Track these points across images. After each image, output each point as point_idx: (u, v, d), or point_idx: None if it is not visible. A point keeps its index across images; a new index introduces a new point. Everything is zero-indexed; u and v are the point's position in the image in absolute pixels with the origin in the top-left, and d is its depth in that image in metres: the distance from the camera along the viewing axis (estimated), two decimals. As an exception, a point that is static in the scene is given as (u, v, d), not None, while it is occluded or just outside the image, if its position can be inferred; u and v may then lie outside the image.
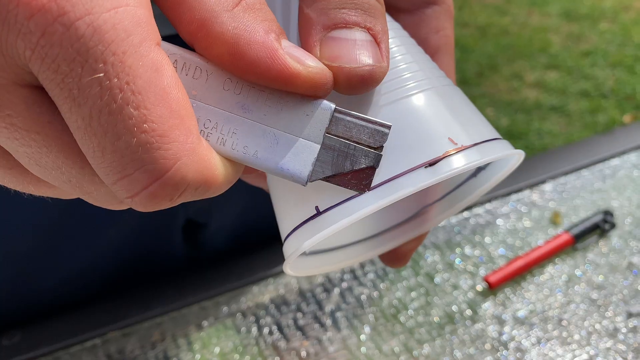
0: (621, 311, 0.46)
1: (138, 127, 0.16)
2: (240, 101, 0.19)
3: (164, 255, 0.53)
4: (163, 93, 0.17)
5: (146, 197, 0.17)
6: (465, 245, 0.52)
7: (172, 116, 0.17)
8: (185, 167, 0.17)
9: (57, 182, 0.19)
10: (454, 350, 0.44)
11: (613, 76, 2.08)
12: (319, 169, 0.20)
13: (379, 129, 0.20)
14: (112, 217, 0.47)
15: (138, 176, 0.17)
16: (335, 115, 0.20)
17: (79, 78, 0.16)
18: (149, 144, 0.16)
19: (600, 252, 0.51)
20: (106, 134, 0.16)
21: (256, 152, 0.19)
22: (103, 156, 0.17)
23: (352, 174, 0.20)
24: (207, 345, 0.45)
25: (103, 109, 0.16)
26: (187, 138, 0.17)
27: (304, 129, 0.20)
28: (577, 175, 0.59)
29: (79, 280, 0.49)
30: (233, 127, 0.19)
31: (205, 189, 0.18)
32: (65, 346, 0.45)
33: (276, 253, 0.52)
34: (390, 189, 0.21)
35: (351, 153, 0.20)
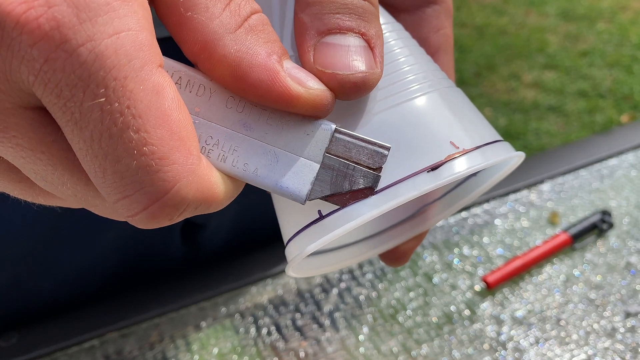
0: (619, 311, 0.46)
1: (138, 150, 0.17)
2: (242, 119, 0.20)
3: (162, 256, 0.53)
4: (163, 116, 0.17)
5: (146, 217, 0.18)
6: (463, 245, 0.52)
7: (173, 138, 0.17)
8: (185, 189, 0.18)
9: (63, 196, 0.19)
10: (453, 350, 0.44)
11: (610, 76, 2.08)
12: (318, 188, 0.20)
13: (379, 150, 0.20)
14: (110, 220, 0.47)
15: (138, 197, 0.17)
16: (335, 136, 0.20)
17: (80, 103, 0.16)
18: (148, 166, 0.17)
19: (598, 252, 0.51)
20: (107, 156, 0.17)
21: (256, 169, 0.20)
22: (104, 177, 0.17)
23: (351, 193, 0.20)
24: (206, 346, 0.45)
25: (104, 132, 0.16)
26: (187, 159, 0.17)
27: (305, 148, 0.20)
28: (575, 175, 0.59)
29: (77, 281, 0.49)
30: (234, 145, 0.20)
31: (205, 207, 0.19)
32: (63, 347, 0.45)
33: (274, 254, 0.52)
34: (393, 193, 0.21)
35: (350, 173, 0.20)
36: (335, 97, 0.20)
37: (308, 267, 0.29)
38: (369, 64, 0.21)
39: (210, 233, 0.53)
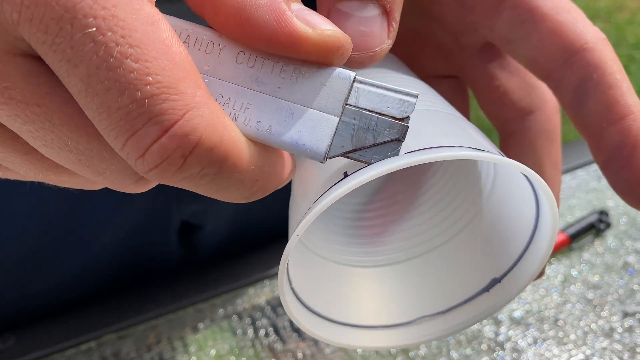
0: (617, 311, 0.46)
1: (141, 79, 0.16)
2: (254, 74, 0.18)
3: (159, 258, 0.53)
4: (163, 46, 0.16)
5: (157, 151, 0.16)
6: (461, 245, 0.52)
7: (177, 69, 0.16)
8: (195, 119, 0.16)
9: (68, 164, 0.18)
10: (451, 350, 0.44)
11: (607, 76, 2.08)
12: (338, 144, 0.18)
13: (405, 98, 0.19)
14: (107, 220, 0.47)
15: (147, 129, 0.16)
16: (355, 85, 0.19)
17: (70, 36, 0.15)
18: (155, 95, 0.16)
19: (596, 251, 0.51)
20: (108, 90, 0.15)
21: (270, 127, 0.18)
22: (109, 116, 0.16)
23: (375, 147, 0.19)
24: (203, 347, 0.45)
25: (100, 65, 0.15)
26: (195, 91, 0.16)
27: (322, 100, 0.18)
28: (573, 175, 0.59)
29: (73, 283, 0.49)
30: (246, 102, 0.18)
31: (222, 153, 0.17)
32: (60, 349, 0.45)
33: (272, 254, 0.52)
34: (424, 152, 0.19)
35: (373, 125, 0.19)
36: (351, 42, 0.19)
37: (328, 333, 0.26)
38: (380, 39, 0.20)
39: (207, 234, 0.53)
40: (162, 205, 0.49)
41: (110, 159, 0.18)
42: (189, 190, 0.18)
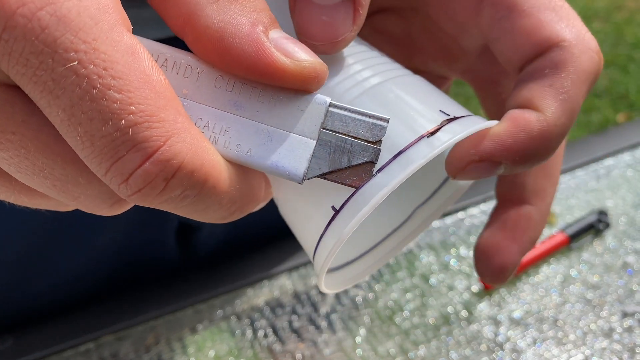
0: (616, 311, 0.46)
1: (124, 109, 0.16)
2: (233, 98, 0.19)
3: (157, 259, 0.53)
4: (144, 75, 0.16)
5: (140, 176, 0.16)
6: (460, 246, 0.52)
7: (158, 97, 0.16)
8: (177, 145, 0.17)
9: (43, 189, 0.18)
10: (450, 351, 0.44)
11: (606, 75, 2.09)
12: (315, 166, 0.19)
13: (377, 122, 0.20)
14: (105, 221, 0.47)
15: (130, 156, 0.16)
16: (330, 110, 0.19)
17: (51, 70, 0.15)
18: (138, 123, 0.16)
19: (595, 251, 0.51)
20: (92, 120, 0.16)
21: (250, 150, 0.19)
22: (92, 144, 0.16)
23: (350, 169, 0.20)
24: (202, 348, 0.45)
25: (84, 96, 0.16)
26: (176, 118, 0.17)
27: (299, 124, 0.19)
28: (572, 175, 0.59)
29: (72, 285, 0.49)
30: (225, 125, 0.19)
31: (202, 176, 0.17)
32: (58, 351, 0.45)
33: (270, 255, 0.52)
34: (399, 165, 0.20)
35: (348, 148, 0.19)
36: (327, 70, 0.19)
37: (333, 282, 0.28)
38: (343, 28, 0.20)
39: (205, 235, 0.53)
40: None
41: (85, 184, 0.18)
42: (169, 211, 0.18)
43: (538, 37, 0.23)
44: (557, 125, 0.22)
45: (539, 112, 0.22)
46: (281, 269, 0.50)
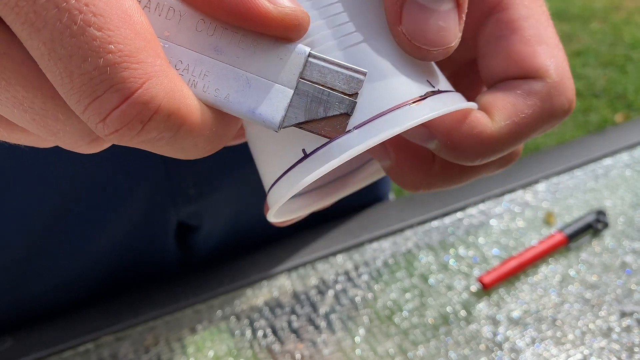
0: (615, 310, 0.46)
1: (103, 48, 0.16)
2: (213, 43, 0.19)
3: (156, 259, 0.53)
4: (125, 15, 0.16)
5: (117, 117, 0.17)
6: (459, 246, 0.52)
7: (138, 38, 0.17)
8: (154, 87, 0.17)
9: (22, 123, 0.18)
10: (449, 351, 0.44)
11: (604, 76, 2.09)
12: (292, 115, 0.19)
13: (354, 75, 0.20)
14: (104, 222, 0.47)
15: (108, 96, 0.16)
16: (309, 60, 0.19)
17: (33, 1, 0.15)
18: (116, 63, 0.16)
19: (594, 251, 0.51)
20: (71, 57, 0.16)
21: (228, 95, 0.19)
22: (71, 81, 0.16)
23: (326, 120, 0.20)
24: (201, 348, 0.45)
25: (64, 31, 0.16)
26: (155, 60, 0.17)
27: (278, 73, 0.19)
28: (570, 175, 0.59)
29: (71, 285, 0.49)
30: (205, 69, 0.19)
31: (179, 120, 0.18)
32: (57, 351, 0.45)
33: (269, 255, 0.52)
34: (376, 127, 0.20)
35: (325, 99, 0.20)
36: (309, 20, 0.20)
37: (284, 212, 0.28)
38: (454, 34, 0.21)
39: (204, 235, 0.53)
40: (158, 206, 0.48)
41: (64, 120, 0.18)
42: (147, 150, 0.19)
43: (528, 65, 0.24)
44: (497, 139, 0.22)
45: (491, 119, 0.22)
46: (280, 269, 0.50)
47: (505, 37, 0.24)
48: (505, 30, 0.24)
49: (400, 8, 0.21)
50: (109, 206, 0.46)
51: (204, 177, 0.48)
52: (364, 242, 0.53)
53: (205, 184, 0.49)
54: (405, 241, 0.53)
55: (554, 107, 0.23)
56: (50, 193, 0.44)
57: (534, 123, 0.23)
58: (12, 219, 0.44)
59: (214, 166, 0.48)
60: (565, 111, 0.24)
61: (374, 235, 0.53)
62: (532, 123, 0.23)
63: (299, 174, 0.21)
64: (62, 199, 0.44)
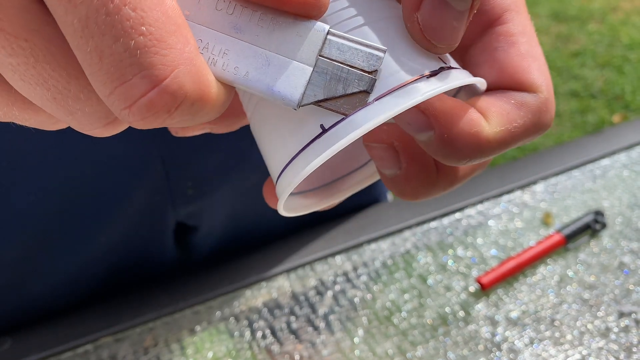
0: (613, 311, 0.46)
1: (136, 29, 0.16)
2: (233, 21, 0.19)
3: (155, 260, 0.53)
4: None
5: (144, 105, 0.17)
6: (457, 246, 0.52)
7: (169, 22, 0.17)
8: (183, 76, 0.17)
9: (41, 101, 0.18)
10: (448, 351, 0.44)
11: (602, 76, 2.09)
12: (311, 92, 0.20)
13: (374, 52, 0.20)
14: (103, 222, 0.47)
15: (136, 82, 0.17)
16: (328, 38, 0.20)
17: None
18: (147, 47, 0.16)
19: (592, 252, 0.51)
20: (104, 35, 0.16)
21: (247, 73, 0.19)
22: (101, 61, 0.16)
23: (345, 97, 0.20)
24: (200, 349, 0.45)
25: (100, 8, 0.16)
26: (184, 47, 0.17)
27: (297, 51, 0.19)
28: (568, 176, 0.59)
29: (69, 286, 0.49)
30: (224, 48, 0.19)
31: (201, 106, 0.18)
32: (56, 352, 0.45)
33: (269, 256, 0.52)
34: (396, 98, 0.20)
35: (344, 77, 0.20)
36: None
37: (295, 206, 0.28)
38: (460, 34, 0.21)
39: (202, 235, 0.53)
40: (157, 206, 0.48)
41: (85, 101, 0.18)
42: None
43: (524, 78, 0.24)
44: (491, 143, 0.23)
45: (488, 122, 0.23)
46: (279, 270, 0.51)
47: (502, 50, 0.25)
48: (504, 42, 0.25)
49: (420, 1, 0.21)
50: (107, 206, 0.46)
51: (202, 178, 0.49)
52: (362, 242, 0.53)
53: (204, 184, 0.49)
54: (403, 242, 0.53)
55: (541, 122, 0.24)
56: (49, 194, 0.44)
57: (523, 134, 0.24)
58: (11, 219, 0.44)
59: (213, 167, 0.48)
60: (547, 127, 0.25)
61: (373, 236, 0.53)
62: (521, 134, 0.24)
63: (319, 149, 0.21)
64: (61, 199, 0.44)
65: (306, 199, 0.29)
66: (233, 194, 0.51)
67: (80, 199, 0.45)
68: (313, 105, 0.20)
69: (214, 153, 0.47)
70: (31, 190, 0.43)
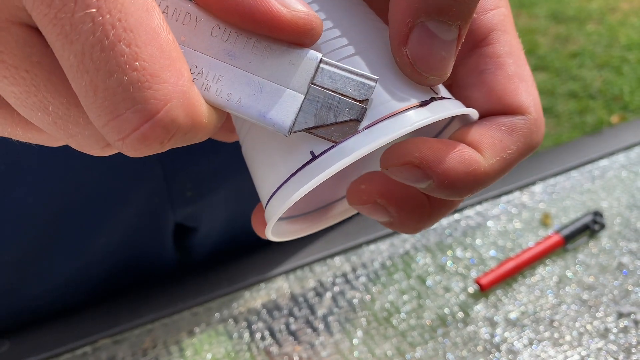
0: (612, 311, 0.46)
1: (130, 64, 0.17)
2: (227, 48, 0.20)
3: (154, 261, 0.53)
4: (154, 33, 0.17)
5: (137, 139, 0.17)
6: (456, 247, 0.52)
7: (163, 56, 0.17)
8: (176, 109, 0.17)
9: (43, 124, 0.19)
10: (447, 353, 0.44)
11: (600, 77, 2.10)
12: (302, 120, 0.20)
13: (366, 81, 0.20)
14: (101, 224, 0.47)
15: (129, 116, 0.17)
16: (321, 66, 0.20)
17: (71, 13, 0.16)
18: (140, 82, 0.17)
19: (591, 252, 0.51)
20: (98, 71, 0.17)
21: (240, 99, 0.20)
22: (95, 95, 0.17)
23: (336, 125, 0.20)
24: (199, 351, 0.45)
25: (95, 45, 0.16)
26: (178, 80, 0.17)
27: (289, 78, 0.20)
28: (567, 176, 0.59)
29: (68, 288, 0.49)
30: (218, 74, 0.19)
31: (193, 134, 0.18)
32: (55, 355, 0.45)
33: (267, 257, 0.52)
34: (385, 127, 0.20)
35: (335, 105, 0.20)
36: (322, 25, 0.20)
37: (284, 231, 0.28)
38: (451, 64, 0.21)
39: (201, 236, 0.53)
40: (156, 208, 0.48)
41: (84, 125, 0.19)
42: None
43: (511, 101, 0.24)
44: (489, 175, 0.23)
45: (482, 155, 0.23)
46: (278, 271, 0.50)
47: (489, 72, 0.25)
48: (490, 65, 0.25)
49: (409, 30, 0.21)
50: (106, 208, 0.46)
51: (202, 180, 0.49)
52: (361, 244, 0.53)
53: (203, 186, 0.49)
54: (402, 243, 0.53)
55: (533, 142, 0.25)
56: (47, 196, 0.44)
57: (518, 157, 0.24)
58: (9, 221, 0.44)
59: (212, 169, 0.48)
60: (538, 145, 0.25)
61: (372, 237, 0.53)
62: (516, 158, 0.24)
63: (308, 176, 0.21)
64: (60, 201, 0.44)
65: (294, 224, 0.29)
66: (232, 196, 0.51)
67: (79, 201, 0.45)
68: (304, 132, 0.20)
69: (213, 155, 0.47)
70: (30, 192, 0.43)
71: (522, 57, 0.25)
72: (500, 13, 0.25)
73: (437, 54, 0.21)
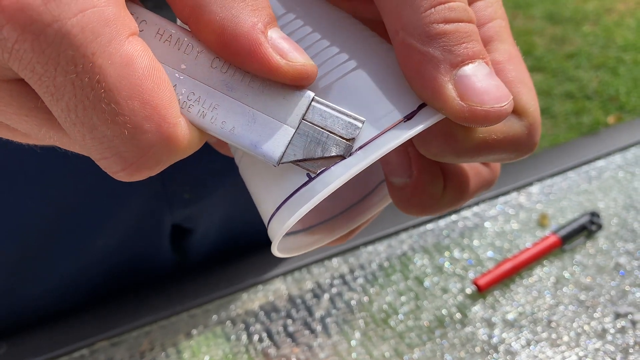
0: (609, 312, 0.46)
1: (111, 120, 0.18)
2: (225, 80, 0.21)
3: (151, 263, 0.52)
4: (134, 87, 0.18)
5: (125, 176, 0.19)
6: (454, 248, 0.52)
7: (144, 108, 0.18)
8: (157, 155, 0.19)
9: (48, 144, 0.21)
10: (445, 354, 0.44)
11: (597, 78, 2.10)
12: (291, 152, 0.21)
13: (353, 122, 0.21)
14: (99, 226, 0.47)
15: (115, 160, 0.19)
16: (313, 104, 0.21)
17: (53, 78, 0.17)
18: (122, 135, 0.18)
19: (588, 253, 0.51)
20: (83, 124, 0.18)
21: (233, 128, 0.21)
22: (84, 141, 0.19)
23: (322, 160, 0.21)
24: (197, 353, 0.45)
25: (78, 104, 0.18)
26: (160, 127, 0.19)
27: (282, 112, 0.21)
28: (564, 177, 0.59)
29: (66, 290, 0.49)
30: (215, 103, 0.20)
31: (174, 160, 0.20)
32: (52, 357, 0.45)
33: (265, 259, 0.52)
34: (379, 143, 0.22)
35: (323, 140, 0.21)
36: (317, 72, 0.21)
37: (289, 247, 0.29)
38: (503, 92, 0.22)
39: (199, 237, 0.53)
40: (154, 210, 0.48)
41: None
42: None
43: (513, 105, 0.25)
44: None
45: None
46: (275, 273, 0.50)
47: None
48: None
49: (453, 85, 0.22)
50: (105, 210, 0.46)
51: (199, 182, 0.49)
52: (359, 245, 0.53)
53: (201, 188, 0.49)
54: (400, 244, 0.53)
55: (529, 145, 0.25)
56: (45, 198, 0.44)
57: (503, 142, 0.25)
58: (7, 223, 0.44)
59: (210, 170, 0.48)
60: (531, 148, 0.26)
61: (369, 239, 0.53)
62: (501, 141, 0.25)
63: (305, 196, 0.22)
64: (57, 203, 0.44)
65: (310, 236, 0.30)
66: (229, 197, 0.51)
67: (78, 203, 0.45)
68: (292, 164, 0.21)
69: (210, 157, 0.47)
70: (28, 194, 0.43)
71: (521, 64, 0.26)
72: (497, 24, 0.26)
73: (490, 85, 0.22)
